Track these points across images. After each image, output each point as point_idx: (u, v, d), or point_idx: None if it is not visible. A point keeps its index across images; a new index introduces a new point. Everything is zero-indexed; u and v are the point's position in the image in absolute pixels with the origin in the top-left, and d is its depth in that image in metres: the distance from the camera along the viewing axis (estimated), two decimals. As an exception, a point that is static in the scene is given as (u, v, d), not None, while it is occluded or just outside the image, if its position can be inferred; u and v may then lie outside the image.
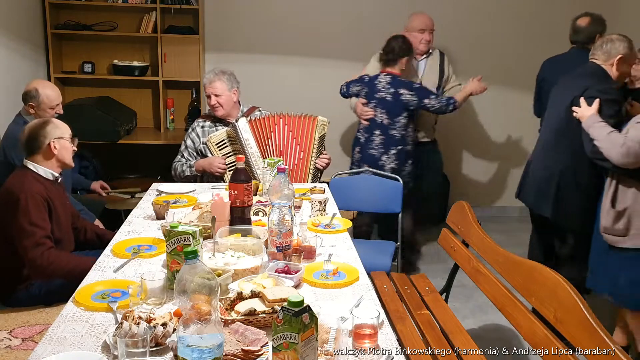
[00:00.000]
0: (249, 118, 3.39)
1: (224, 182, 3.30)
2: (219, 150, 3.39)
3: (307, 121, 3.45)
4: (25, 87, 3.40)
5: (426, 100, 3.83)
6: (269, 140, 3.39)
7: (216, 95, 3.45)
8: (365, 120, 3.91)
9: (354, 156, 4.02)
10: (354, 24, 5.03)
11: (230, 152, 3.40)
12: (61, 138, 2.69)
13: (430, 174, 4.43)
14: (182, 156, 3.54)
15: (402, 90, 3.79)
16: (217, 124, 3.53)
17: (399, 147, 3.85)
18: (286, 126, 3.42)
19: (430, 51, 4.28)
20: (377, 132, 3.85)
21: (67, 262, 2.55)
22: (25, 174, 2.63)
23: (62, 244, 2.69)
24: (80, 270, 2.20)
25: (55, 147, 2.66)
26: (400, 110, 3.81)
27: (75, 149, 2.79)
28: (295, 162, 3.44)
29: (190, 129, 3.58)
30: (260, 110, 3.59)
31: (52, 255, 2.53)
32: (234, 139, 3.37)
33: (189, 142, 3.54)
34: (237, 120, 3.35)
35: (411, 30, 4.17)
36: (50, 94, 3.37)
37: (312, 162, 3.45)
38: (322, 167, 3.53)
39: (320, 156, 3.51)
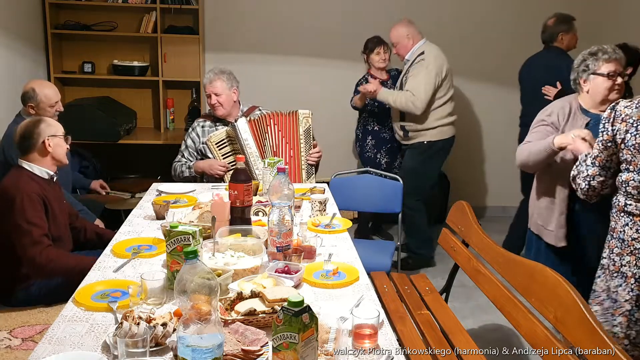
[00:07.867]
0: (248, 118, 3.38)
1: (224, 182, 3.30)
2: (219, 149, 3.38)
3: (289, 117, 3.43)
4: (22, 89, 3.40)
5: None
6: (265, 140, 3.38)
7: (216, 95, 3.44)
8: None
9: None
10: (354, 24, 5.03)
11: (229, 152, 3.40)
12: (55, 136, 2.69)
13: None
14: (182, 156, 3.53)
15: None
16: (217, 124, 3.53)
17: None
18: (275, 126, 3.41)
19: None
20: None
21: (66, 260, 2.55)
22: (21, 174, 2.63)
23: (59, 242, 2.68)
24: (81, 269, 2.20)
25: (49, 144, 2.67)
26: None
27: (69, 147, 2.79)
28: (287, 161, 3.42)
29: (190, 129, 3.57)
30: (260, 110, 3.58)
31: (51, 253, 2.53)
32: (234, 139, 3.36)
33: (189, 141, 3.53)
34: (236, 120, 3.35)
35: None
36: (48, 92, 3.37)
37: (304, 159, 3.43)
38: (314, 162, 3.48)
39: (311, 151, 3.47)
